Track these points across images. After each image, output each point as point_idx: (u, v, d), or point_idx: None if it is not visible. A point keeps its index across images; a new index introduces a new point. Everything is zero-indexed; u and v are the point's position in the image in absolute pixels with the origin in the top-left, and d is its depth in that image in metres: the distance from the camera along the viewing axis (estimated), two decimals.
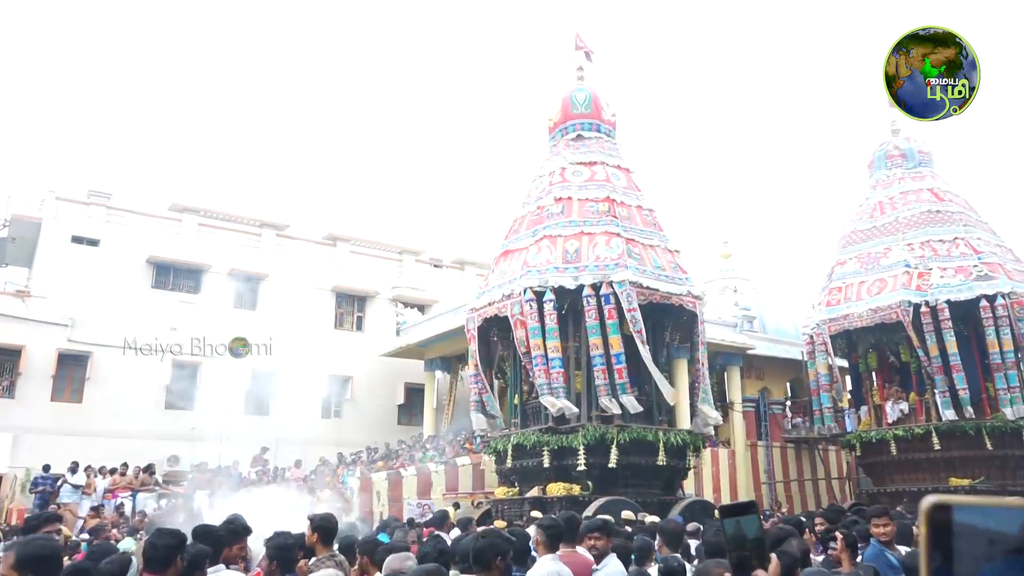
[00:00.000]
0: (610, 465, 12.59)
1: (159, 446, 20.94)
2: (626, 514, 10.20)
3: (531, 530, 5.81)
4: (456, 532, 8.89)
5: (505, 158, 64.09)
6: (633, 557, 5.70)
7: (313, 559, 4.85)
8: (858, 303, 17.36)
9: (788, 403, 24.40)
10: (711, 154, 65.29)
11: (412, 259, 28.01)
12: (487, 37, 63.45)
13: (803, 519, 8.58)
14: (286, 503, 10.95)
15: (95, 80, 52.20)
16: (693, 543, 6.88)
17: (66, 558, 4.80)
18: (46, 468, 17.04)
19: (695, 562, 5.87)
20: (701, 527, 8.80)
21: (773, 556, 4.16)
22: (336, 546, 5.18)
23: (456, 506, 14.91)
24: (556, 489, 12.82)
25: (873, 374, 18.29)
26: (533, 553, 5.12)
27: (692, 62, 63.04)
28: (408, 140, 63.25)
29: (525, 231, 14.62)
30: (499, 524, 10.04)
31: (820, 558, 5.85)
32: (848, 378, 19.81)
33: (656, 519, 9.59)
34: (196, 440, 21.52)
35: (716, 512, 7.04)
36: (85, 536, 11.15)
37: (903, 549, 5.60)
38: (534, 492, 13.22)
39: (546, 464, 12.92)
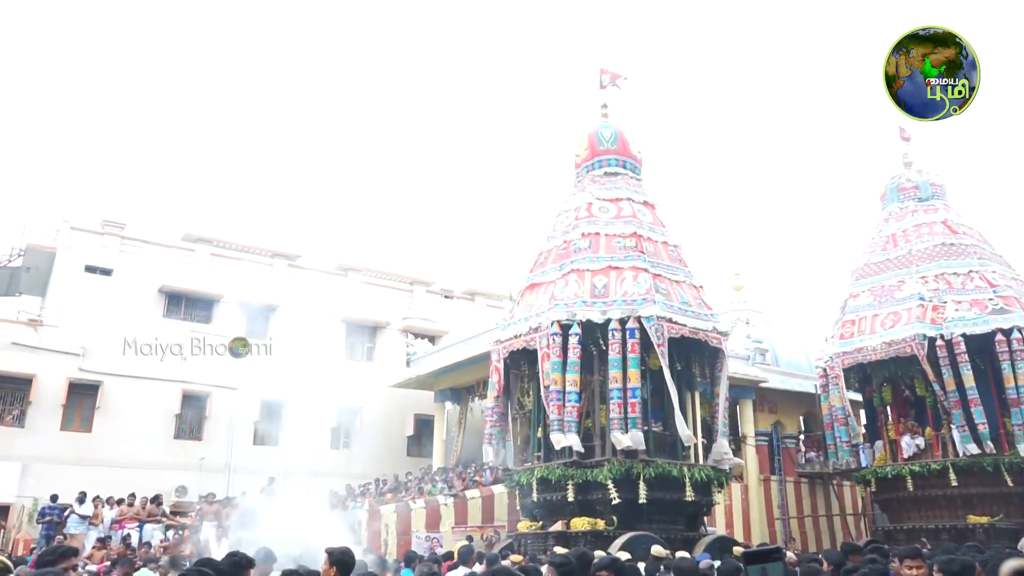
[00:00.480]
0: (640, 501, 12.49)
1: (168, 476, 20.90)
2: (656, 550, 10.06)
3: (544, 569, 5.71)
4: (479, 567, 8.81)
5: (517, 190, 64.45)
6: None
7: None
8: (872, 336, 17.19)
9: (801, 437, 24.11)
10: (722, 185, 65.45)
11: (423, 290, 28.04)
12: (496, 71, 64.18)
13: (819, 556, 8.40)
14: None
15: (111, 111, 52.99)
16: None
17: None
18: (54, 498, 16.96)
19: None
20: (714, 565, 8.63)
21: None
22: None
23: (469, 539, 14.75)
24: (580, 524, 12.73)
25: (888, 408, 18.04)
26: None
27: (703, 92, 63.47)
28: (419, 171, 63.77)
29: (552, 265, 14.70)
30: (515, 558, 9.91)
31: None
32: (863, 412, 19.57)
33: (687, 555, 9.44)
34: (204, 471, 21.45)
35: (740, 556, 6.90)
36: (92, 568, 11.07)
37: None
38: (558, 526, 13.11)
39: (570, 498, 12.85)
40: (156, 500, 18.23)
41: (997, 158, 56.58)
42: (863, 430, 18.92)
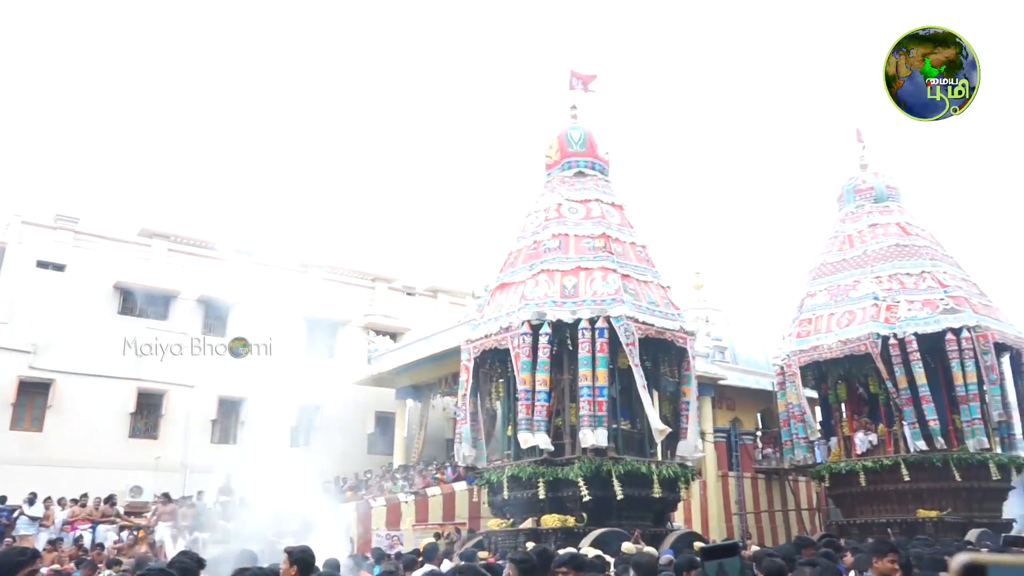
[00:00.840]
0: (618, 497, 12.71)
1: (122, 476, 20.47)
2: (627, 546, 10.23)
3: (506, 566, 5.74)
4: (448, 564, 8.88)
5: (480, 187, 64.36)
6: None
7: None
8: (828, 335, 17.53)
9: (759, 434, 24.48)
10: (682, 184, 66.10)
11: (384, 286, 27.88)
12: (459, 68, 64.00)
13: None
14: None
15: (65, 103, 51.71)
16: None
17: None
18: (2, 499, 16.53)
19: None
20: (674, 560, 8.74)
21: None
22: None
23: (437, 536, 14.78)
24: (551, 520, 12.87)
25: (842, 405, 18.41)
26: None
27: (663, 92, 64.02)
28: (381, 167, 63.33)
29: (522, 265, 14.82)
30: (483, 555, 9.98)
31: None
32: (818, 409, 19.92)
33: (653, 551, 9.60)
34: (160, 470, 21.07)
35: (697, 551, 7.01)
36: (43, 571, 10.81)
37: None
38: (528, 523, 13.23)
39: (541, 496, 13.00)
40: (110, 500, 17.88)
41: (949, 158, 57.99)
42: (818, 427, 19.30)
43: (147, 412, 22.43)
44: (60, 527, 16.36)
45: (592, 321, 13.37)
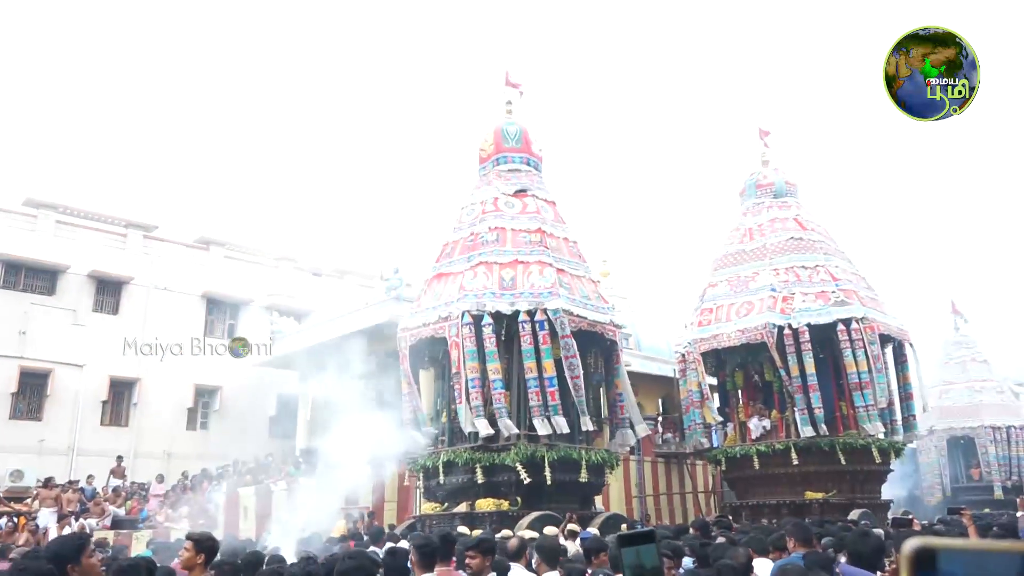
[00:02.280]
0: (548, 483, 13.04)
1: (2, 460, 19.38)
2: (570, 528, 10.53)
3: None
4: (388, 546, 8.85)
5: (389, 170, 63.51)
6: None
7: None
8: (727, 324, 18.07)
9: (660, 419, 25.12)
10: (590, 174, 67.02)
11: (290, 266, 27.21)
12: (376, 50, 62.87)
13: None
14: None
15: None
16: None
17: None
18: None
19: None
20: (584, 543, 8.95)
21: None
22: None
23: (357, 517, 14.73)
24: (486, 504, 13.12)
25: (739, 392, 19.07)
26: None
27: (572, 82, 64.63)
28: (285, 143, 61.63)
29: (459, 256, 14.92)
30: None
31: None
32: (716, 395, 20.58)
33: (596, 532, 9.93)
34: (44, 453, 20.07)
35: (614, 538, 7.19)
36: None
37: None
38: (462, 507, 13.44)
39: (480, 480, 13.22)
40: None
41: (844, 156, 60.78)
42: (716, 413, 19.93)
43: (30, 392, 21.26)
44: None
45: (531, 313, 13.62)
